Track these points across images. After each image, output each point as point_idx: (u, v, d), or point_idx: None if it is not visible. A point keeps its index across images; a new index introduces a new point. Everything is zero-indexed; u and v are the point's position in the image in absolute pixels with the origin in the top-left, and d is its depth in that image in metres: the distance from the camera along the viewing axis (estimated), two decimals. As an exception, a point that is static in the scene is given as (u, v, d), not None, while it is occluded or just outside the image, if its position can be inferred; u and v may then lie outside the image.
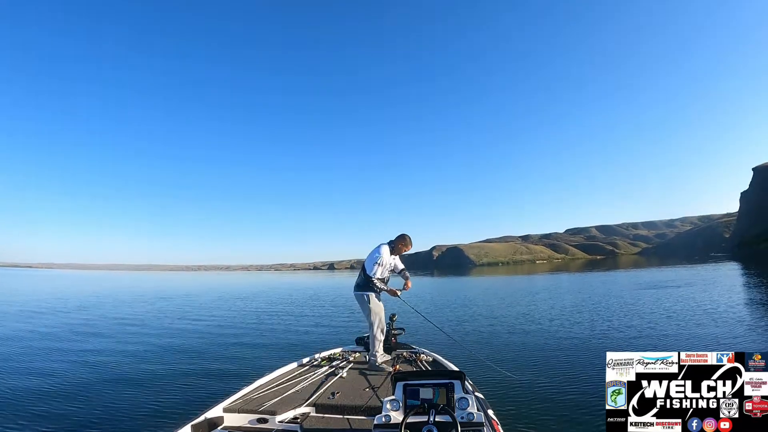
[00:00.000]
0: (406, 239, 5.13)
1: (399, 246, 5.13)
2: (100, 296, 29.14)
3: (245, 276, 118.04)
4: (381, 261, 4.94)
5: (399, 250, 5.15)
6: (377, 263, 4.94)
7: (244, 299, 26.13)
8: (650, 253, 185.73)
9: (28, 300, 25.39)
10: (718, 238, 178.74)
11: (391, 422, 2.47)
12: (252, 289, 38.82)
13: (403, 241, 5.12)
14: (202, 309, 20.70)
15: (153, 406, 5.92)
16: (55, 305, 22.05)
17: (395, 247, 5.12)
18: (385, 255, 4.98)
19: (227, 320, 16.26)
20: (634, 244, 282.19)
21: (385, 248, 5.02)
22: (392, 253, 5.12)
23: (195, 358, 9.22)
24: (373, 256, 4.98)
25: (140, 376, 7.58)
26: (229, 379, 7.32)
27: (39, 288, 40.08)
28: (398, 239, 5.13)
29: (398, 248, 5.13)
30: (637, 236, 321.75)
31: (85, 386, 6.95)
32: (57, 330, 13.31)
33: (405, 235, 5.14)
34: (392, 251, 5.11)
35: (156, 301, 25.71)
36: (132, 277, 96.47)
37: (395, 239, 5.14)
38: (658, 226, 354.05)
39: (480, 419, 2.43)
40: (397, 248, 5.13)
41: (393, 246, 5.11)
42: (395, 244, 5.12)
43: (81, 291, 35.75)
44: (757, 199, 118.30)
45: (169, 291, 37.21)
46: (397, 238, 5.14)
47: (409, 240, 5.15)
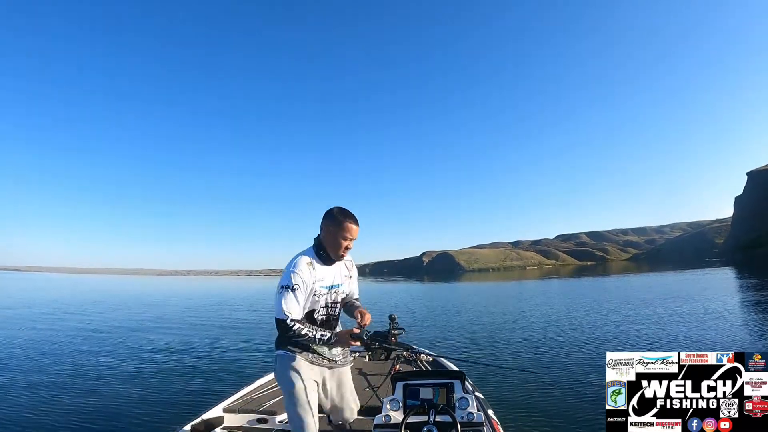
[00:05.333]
0: (336, 218, 2.41)
1: (332, 237, 2.41)
2: (94, 299, 28.84)
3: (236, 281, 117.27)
4: (298, 285, 2.32)
5: (336, 245, 2.42)
6: (291, 290, 2.31)
7: (241, 301, 26.03)
8: (641, 259, 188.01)
9: (22, 303, 25.05)
10: (708, 243, 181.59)
11: (391, 422, 2.45)
12: (245, 293, 38.63)
13: (334, 222, 2.40)
14: (199, 311, 20.69)
15: (152, 406, 5.89)
16: (49, 308, 21.79)
17: (327, 243, 2.43)
18: (304, 273, 2.35)
19: (226, 322, 16.33)
20: (625, 250, 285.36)
21: (303, 260, 2.39)
22: (323, 261, 2.46)
23: (194, 358, 9.25)
24: (283, 281, 2.35)
25: (140, 377, 7.57)
26: (228, 379, 7.32)
27: (29, 291, 39.55)
28: (326, 225, 2.43)
29: (333, 242, 2.41)
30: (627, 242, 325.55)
31: (85, 387, 6.92)
32: (54, 332, 13.21)
33: (332, 210, 2.46)
34: (321, 258, 2.46)
35: (149, 304, 25.55)
36: (121, 281, 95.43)
37: (322, 229, 2.45)
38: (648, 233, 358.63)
39: (480, 419, 2.42)
40: (331, 243, 2.42)
41: (319, 246, 2.46)
42: (325, 238, 2.44)
43: (73, 294, 35.32)
44: (752, 204, 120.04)
45: (161, 294, 36.97)
46: (324, 225, 2.44)
47: (342, 217, 2.41)
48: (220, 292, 41.54)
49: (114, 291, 42.67)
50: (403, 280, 79.53)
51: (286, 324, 2.32)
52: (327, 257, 2.49)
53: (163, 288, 53.60)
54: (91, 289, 45.95)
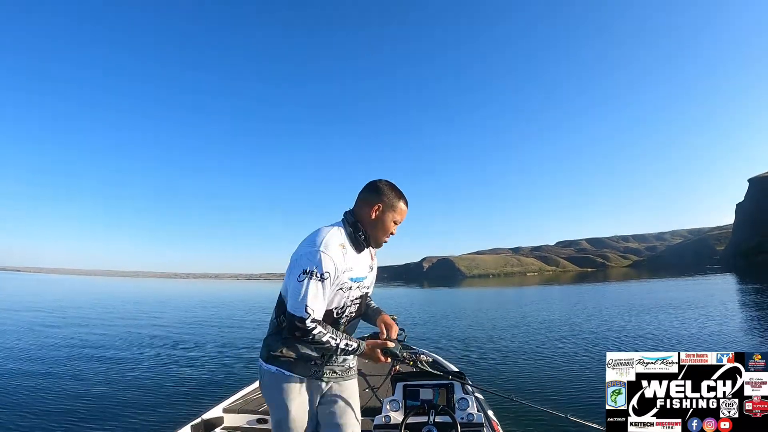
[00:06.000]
0: (389, 195, 1.84)
1: (380, 218, 1.83)
2: (93, 301, 28.75)
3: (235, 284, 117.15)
4: (328, 273, 1.67)
5: (383, 229, 1.86)
6: (318, 278, 1.66)
7: (240, 304, 25.97)
8: (641, 266, 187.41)
9: (23, 303, 25.01)
10: (708, 250, 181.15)
11: (390, 423, 2.46)
12: (244, 296, 38.58)
13: (386, 200, 1.83)
14: (198, 313, 20.71)
15: (153, 406, 5.91)
16: (48, 309, 21.77)
17: (370, 225, 1.84)
18: (337, 257, 1.70)
19: (225, 323, 16.44)
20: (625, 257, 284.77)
21: (335, 240, 1.73)
22: (355, 245, 1.83)
23: (194, 359, 9.29)
24: (306, 263, 1.67)
25: (140, 378, 7.60)
26: (228, 379, 7.35)
27: (30, 292, 39.55)
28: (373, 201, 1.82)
29: (381, 225, 1.84)
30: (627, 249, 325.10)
31: (85, 387, 6.94)
32: (53, 334, 13.22)
33: (379, 184, 1.86)
34: (355, 241, 1.82)
35: (149, 306, 25.55)
36: (121, 283, 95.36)
37: (365, 205, 1.84)
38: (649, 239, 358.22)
39: (480, 420, 2.42)
40: (377, 226, 1.84)
41: (356, 227, 1.83)
42: (367, 217, 1.83)
43: (72, 296, 35.35)
44: (753, 210, 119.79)
45: (161, 297, 36.93)
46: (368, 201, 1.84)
47: (397, 195, 1.86)
48: (219, 295, 41.45)
49: (114, 293, 42.62)
50: (404, 285, 79.36)
51: (304, 324, 1.62)
52: (360, 242, 1.82)
53: (162, 291, 53.56)
54: (90, 291, 45.91)
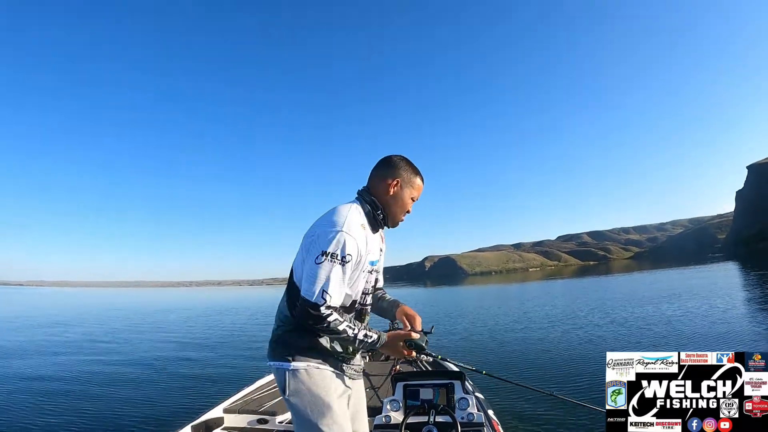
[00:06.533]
0: (407, 170, 1.72)
1: (397, 194, 1.69)
2: (95, 311, 28.81)
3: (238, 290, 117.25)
4: (350, 257, 1.50)
5: (402, 207, 1.72)
6: (340, 262, 1.49)
7: (243, 309, 26.09)
8: (643, 257, 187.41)
9: (27, 315, 25.23)
10: (710, 239, 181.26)
11: (391, 423, 2.46)
12: (247, 301, 38.61)
13: (404, 175, 1.70)
14: (200, 318, 20.99)
15: (153, 407, 5.95)
16: (52, 318, 22.10)
17: (387, 202, 1.69)
18: (360, 240, 1.54)
19: (227, 326, 16.66)
20: (627, 249, 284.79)
21: (357, 219, 1.57)
22: (372, 226, 1.68)
23: (195, 360, 9.38)
24: (325, 244, 1.49)
25: (140, 379, 7.67)
26: (228, 380, 7.39)
27: (34, 304, 39.84)
28: (390, 176, 1.69)
29: (400, 202, 1.71)
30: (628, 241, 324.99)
31: (87, 390, 7.00)
32: (57, 340, 13.40)
33: (394, 159, 1.73)
34: (373, 221, 1.67)
35: (152, 313, 25.95)
36: (123, 293, 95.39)
37: (381, 181, 1.69)
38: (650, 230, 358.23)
39: (480, 419, 2.42)
40: (395, 203, 1.70)
41: (374, 205, 1.67)
42: (384, 194, 1.69)
43: (74, 307, 35.45)
44: (753, 198, 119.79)
45: (164, 305, 37.13)
46: (385, 176, 1.70)
47: (413, 170, 1.74)
48: (221, 301, 41.56)
49: (115, 303, 42.65)
50: (406, 285, 79.36)
51: (319, 312, 1.46)
52: (379, 221, 1.68)
53: (165, 299, 53.62)
54: (92, 303, 45.91)
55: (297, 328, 1.60)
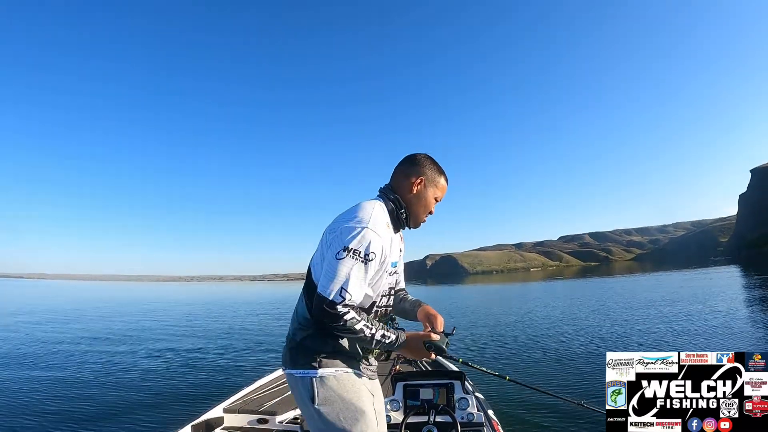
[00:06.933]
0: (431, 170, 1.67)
1: (421, 194, 1.66)
2: (96, 305, 28.70)
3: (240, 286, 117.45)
4: (374, 255, 1.45)
5: (425, 207, 1.68)
6: (362, 260, 1.43)
7: (243, 306, 25.96)
8: (645, 259, 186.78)
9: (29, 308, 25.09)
10: (712, 242, 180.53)
11: (391, 422, 2.47)
12: (248, 298, 38.64)
13: (429, 174, 1.67)
14: (200, 315, 20.81)
15: (153, 407, 5.94)
16: (54, 312, 21.99)
17: (410, 201, 1.65)
18: (385, 238, 1.51)
19: (227, 324, 16.53)
20: (628, 250, 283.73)
21: (382, 218, 1.53)
22: (395, 225, 1.64)
23: (195, 359, 9.34)
24: (349, 240, 1.43)
25: (141, 378, 7.64)
26: (229, 379, 7.37)
27: (36, 298, 39.69)
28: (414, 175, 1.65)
29: (423, 202, 1.67)
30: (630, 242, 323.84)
31: (87, 388, 6.99)
32: (57, 337, 13.32)
33: (418, 158, 1.68)
34: (396, 221, 1.64)
35: (154, 308, 25.76)
36: (125, 287, 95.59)
37: (404, 180, 1.66)
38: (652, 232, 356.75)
39: (480, 419, 2.43)
40: (418, 203, 1.66)
41: (398, 204, 1.64)
42: (408, 194, 1.65)
43: (77, 300, 35.50)
44: (756, 201, 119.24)
45: (166, 300, 37.09)
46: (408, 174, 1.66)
47: (438, 169, 1.70)
48: (223, 297, 41.55)
49: (117, 298, 42.70)
50: (408, 284, 79.19)
51: (336, 310, 1.40)
52: (402, 220, 1.65)
53: (166, 294, 53.65)
54: (94, 297, 45.98)
55: (319, 332, 1.53)
